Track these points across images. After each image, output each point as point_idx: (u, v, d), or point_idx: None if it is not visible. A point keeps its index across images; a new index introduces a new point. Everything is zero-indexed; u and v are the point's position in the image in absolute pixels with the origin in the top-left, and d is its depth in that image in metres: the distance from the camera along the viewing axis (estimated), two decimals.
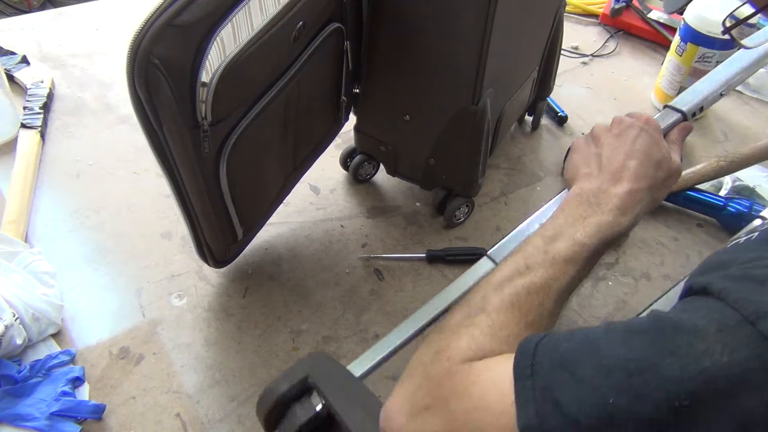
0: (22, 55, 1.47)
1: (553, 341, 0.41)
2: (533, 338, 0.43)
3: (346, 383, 0.60)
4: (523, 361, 0.41)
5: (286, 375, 0.58)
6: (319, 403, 0.56)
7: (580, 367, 0.38)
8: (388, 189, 1.30)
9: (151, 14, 0.67)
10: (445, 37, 0.98)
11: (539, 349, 0.41)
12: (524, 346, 0.42)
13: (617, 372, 0.36)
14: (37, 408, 0.86)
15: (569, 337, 0.41)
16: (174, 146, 0.77)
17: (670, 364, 0.34)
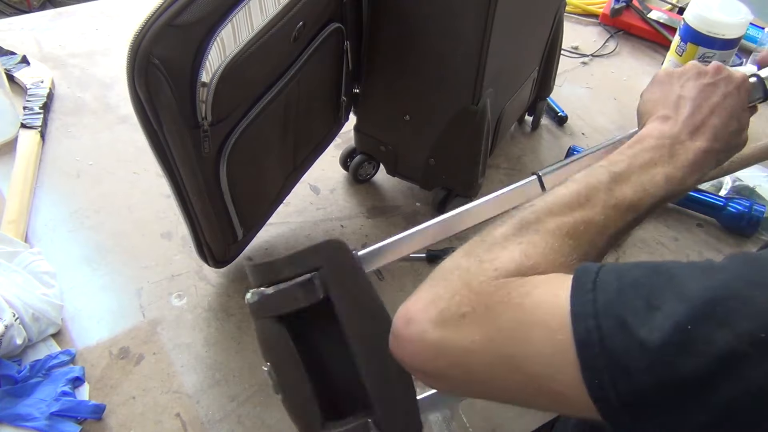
0: (22, 55, 1.47)
1: (618, 267, 0.40)
2: (592, 264, 0.41)
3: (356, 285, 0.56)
4: (586, 277, 0.39)
5: (296, 260, 0.54)
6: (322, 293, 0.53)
7: (654, 293, 0.36)
8: (388, 189, 1.30)
9: (151, 14, 0.67)
10: (445, 37, 0.98)
11: (602, 271, 0.40)
12: (585, 267, 0.41)
13: (698, 300, 0.34)
14: (37, 408, 0.86)
15: (635, 266, 0.40)
16: (174, 146, 0.77)
17: (758, 296, 0.33)
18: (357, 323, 0.56)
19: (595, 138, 1.47)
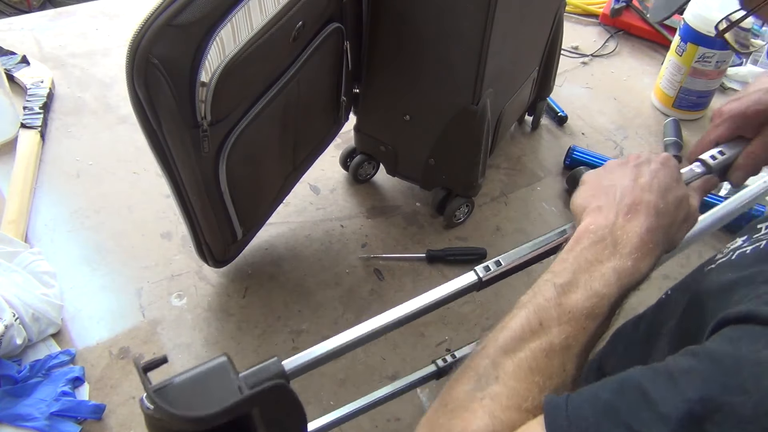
0: (22, 55, 1.47)
1: (585, 394, 0.38)
2: (556, 398, 0.39)
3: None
4: (556, 413, 0.37)
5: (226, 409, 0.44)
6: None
7: (632, 418, 0.34)
8: (388, 189, 1.30)
9: (150, 14, 0.67)
10: (446, 37, 0.98)
11: (570, 403, 0.37)
12: (551, 402, 0.38)
13: (679, 420, 0.32)
14: (37, 408, 0.86)
15: (601, 386, 0.37)
16: (174, 146, 0.77)
17: (743, 403, 0.31)
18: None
19: (595, 138, 1.47)
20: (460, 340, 1.03)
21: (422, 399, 0.95)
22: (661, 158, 0.55)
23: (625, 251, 0.48)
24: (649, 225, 0.49)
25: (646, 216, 0.50)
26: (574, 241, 0.50)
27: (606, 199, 0.52)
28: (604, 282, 0.46)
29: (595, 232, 0.49)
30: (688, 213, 0.53)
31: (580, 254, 0.48)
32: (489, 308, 1.09)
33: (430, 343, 1.03)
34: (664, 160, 0.55)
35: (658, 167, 0.54)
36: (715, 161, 0.59)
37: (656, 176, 0.53)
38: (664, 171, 0.53)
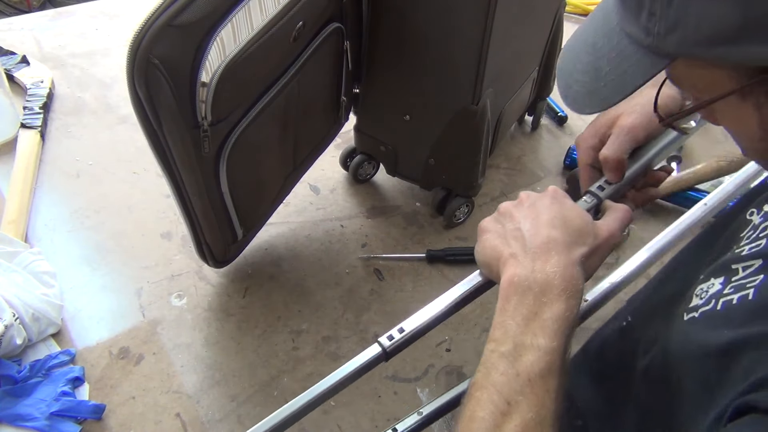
0: (22, 55, 1.47)
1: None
2: None
3: None
4: None
5: None
6: None
7: None
8: (388, 189, 1.30)
9: (150, 14, 0.67)
10: (446, 37, 0.98)
11: None
12: None
13: None
14: (37, 408, 0.86)
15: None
16: (174, 146, 0.77)
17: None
18: None
19: None
20: (459, 340, 1.03)
21: (422, 399, 0.95)
22: (551, 192, 0.54)
23: (554, 295, 0.47)
24: (565, 261, 0.49)
25: (559, 253, 0.49)
26: (504, 300, 0.49)
27: (516, 245, 0.51)
28: (548, 335, 0.45)
29: (519, 284, 0.48)
30: (596, 236, 0.52)
31: (515, 313, 0.47)
32: (489, 308, 1.09)
33: (430, 343, 1.03)
34: (553, 194, 0.54)
35: (551, 201, 0.53)
36: (604, 191, 0.59)
37: (554, 211, 0.52)
38: (557, 204, 0.53)
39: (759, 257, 0.41)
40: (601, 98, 0.42)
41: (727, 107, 0.37)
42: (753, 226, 0.47)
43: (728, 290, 0.42)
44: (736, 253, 0.44)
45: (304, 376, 0.96)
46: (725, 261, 0.45)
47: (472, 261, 0.57)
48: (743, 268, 0.42)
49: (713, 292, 0.43)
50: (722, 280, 0.44)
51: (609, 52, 0.40)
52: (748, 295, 0.39)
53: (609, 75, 0.41)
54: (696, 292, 0.45)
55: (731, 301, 0.40)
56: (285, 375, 0.96)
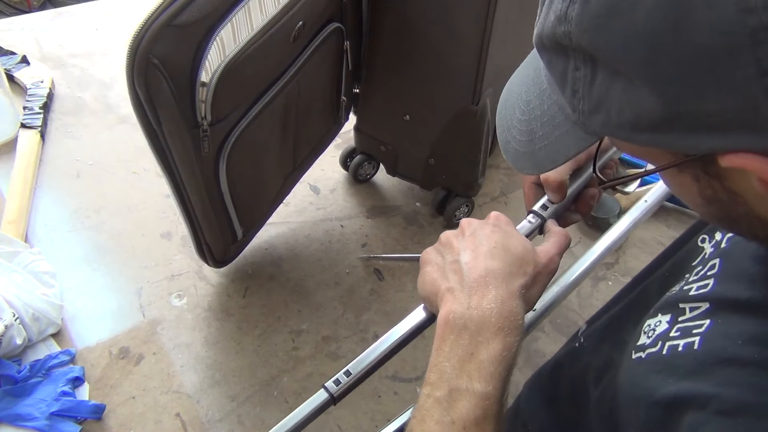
0: (22, 55, 1.47)
1: None
2: None
3: None
4: None
5: None
6: None
7: None
8: (388, 189, 1.30)
9: (150, 14, 0.67)
10: (445, 37, 0.98)
11: None
12: None
13: None
14: (37, 408, 0.86)
15: None
16: (174, 146, 0.77)
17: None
18: None
19: None
20: None
21: None
22: (492, 220, 0.53)
23: (491, 333, 0.45)
24: (503, 295, 0.47)
25: (497, 287, 0.47)
26: (440, 340, 0.47)
27: (454, 278, 0.49)
28: (485, 377, 0.44)
29: (455, 322, 0.46)
30: (537, 265, 0.51)
31: (451, 354, 0.45)
32: None
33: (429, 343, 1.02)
34: (495, 221, 0.53)
35: (491, 230, 0.51)
36: (547, 210, 0.58)
37: (494, 240, 0.51)
38: (498, 233, 0.51)
39: (706, 300, 0.40)
40: (536, 162, 0.40)
41: (668, 176, 0.36)
42: (703, 257, 0.46)
43: (674, 332, 0.40)
44: (685, 290, 0.42)
45: (304, 376, 0.96)
46: (674, 297, 0.43)
47: None
48: (690, 309, 0.41)
49: (660, 332, 0.42)
50: (669, 318, 0.42)
51: (541, 116, 0.39)
52: (694, 344, 0.38)
53: (542, 140, 0.39)
54: (644, 328, 0.44)
55: (677, 347, 0.39)
56: (285, 375, 0.96)
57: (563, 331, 1.07)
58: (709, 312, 0.39)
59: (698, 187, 0.34)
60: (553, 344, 1.06)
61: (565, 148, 0.37)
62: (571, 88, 0.33)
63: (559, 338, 1.06)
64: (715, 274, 0.41)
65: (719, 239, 0.46)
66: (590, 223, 1.26)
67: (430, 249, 0.54)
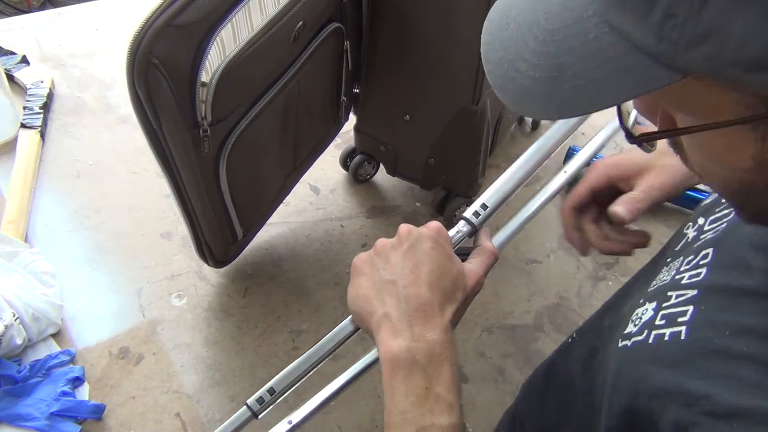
0: (22, 55, 1.47)
1: None
2: None
3: None
4: None
5: None
6: None
7: None
8: (388, 189, 1.30)
9: (150, 14, 0.67)
10: (445, 37, 0.98)
11: None
12: None
13: None
14: (37, 408, 0.86)
15: None
16: (174, 146, 0.77)
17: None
18: None
19: None
20: (459, 340, 1.03)
21: None
22: (433, 233, 0.49)
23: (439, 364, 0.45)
24: (443, 324, 0.46)
25: (435, 316, 0.46)
26: (390, 375, 0.45)
27: (391, 302, 0.47)
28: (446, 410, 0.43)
29: (401, 357, 0.44)
30: (466, 290, 0.49)
31: (408, 392, 0.44)
32: (489, 308, 1.09)
33: None
34: (435, 236, 0.49)
35: (431, 246, 0.48)
36: (479, 218, 0.57)
37: (432, 261, 0.48)
38: (437, 251, 0.48)
39: (695, 288, 0.38)
40: (561, 103, 0.31)
41: (722, 135, 0.30)
42: (686, 242, 0.45)
43: (660, 320, 0.39)
44: (677, 279, 0.41)
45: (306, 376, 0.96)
46: (664, 286, 0.42)
47: None
48: (676, 296, 0.39)
49: (646, 320, 0.41)
50: (655, 305, 0.41)
51: (579, 47, 0.30)
52: (681, 334, 0.36)
53: (579, 77, 0.30)
54: (632, 317, 0.43)
55: (663, 336, 0.38)
56: None
57: (563, 331, 1.07)
58: (694, 298, 0.38)
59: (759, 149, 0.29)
60: (554, 344, 1.06)
61: (620, 87, 0.29)
62: (664, 11, 0.26)
63: (560, 338, 1.06)
64: (709, 263, 0.39)
65: (701, 223, 0.45)
66: None
67: (364, 256, 0.51)
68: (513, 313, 1.09)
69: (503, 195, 0.59)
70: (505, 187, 0.59)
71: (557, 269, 1.18)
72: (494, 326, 1.07)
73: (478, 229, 0.57)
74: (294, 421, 0.69)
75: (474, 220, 0.57)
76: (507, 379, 1.00)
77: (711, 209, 0.46)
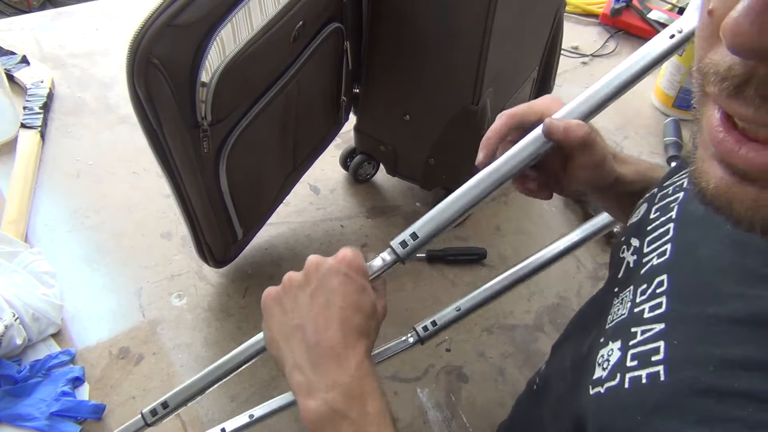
0: (22, 55, 1.47)
1: None
2: None
3: None
4: None
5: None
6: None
7: None
8: (388, 189, 1.30)
9: (150, 14, 0.67)
10: (445, 37, 0.98)
11: None
12: None
13: None
14: (37, 408, 0.86)
15: None
16: (174, 146, 0.77)
17: None
18: None
19: None
20: (459, 340, 1.03)
21: (422, 399, 0.95)
22: (344, 266, 0.46)
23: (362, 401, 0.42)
24: (357, 360, 0.43)
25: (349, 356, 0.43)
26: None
27: (300, 351, 0.44)
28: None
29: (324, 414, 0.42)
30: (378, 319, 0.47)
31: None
32: (489, 308, 1.09)
33: (430, 343, 1.02)
34: (347, 269, 0.45)
35: (340, 282, 0.45)
36: (406, 248, 0.49)
37: (342, 298, 0.44)
38: (348, 286, 0.45)
39: (661, 321, 0.35)
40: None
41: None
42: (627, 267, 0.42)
43: (631, 361, 0.36)
44: (636, 313, 0.38)
45: None
46: (624, 322, 0.39)
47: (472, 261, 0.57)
48: (642, 332, 0.36)
49: (614, 362, 0.37)
50: (620, 345, 0.38)
51: None
52: (659, 375, 0.33)
53: None
54: (597, 360, 0.40)
55: (639, 379, 0.34)
56: None
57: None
58: (663, 333, 0.34)
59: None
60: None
61: None
62: None
63: None
64: (667, 292, 0.36)
65: (637, 245, 0.41)
66: None
67: (273, 293, 0.48)
68: (513, 313, 1.09)
69: (439, 225, 0.50)
70: (442, 216, 0.51)
71: (557, 269, 1.18)
72: (494, 326, 1.07)
73: (403, 260, 0.49)
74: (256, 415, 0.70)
75: (400, 250, 0.49)
76: (507, 379, 1.00)
77: (641, 229, 0.42)
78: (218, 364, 0.56)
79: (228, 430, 0.70)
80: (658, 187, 0.45)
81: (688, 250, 0.37)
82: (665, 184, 0.45)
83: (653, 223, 0.42)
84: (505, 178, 0.51)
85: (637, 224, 0.44)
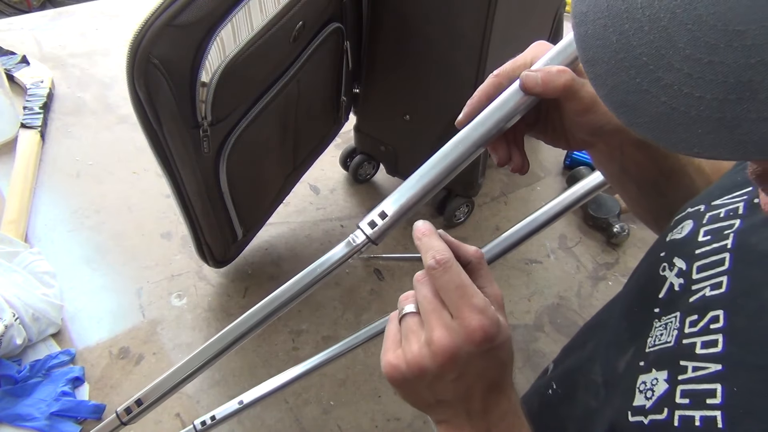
0: (22, 55, 1.47)
1: None
2: None
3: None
4: None
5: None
6: None
7: None
8: (388, 189, 1.30)
9: (150, 14, 0.67)
10: (445, 37, 0.98)
11: None
12: None
13: None
14: (37, 408, 0.86)
15: None
16: (174, 146, 0.77)
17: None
18: None
19: None
20: None
21: None
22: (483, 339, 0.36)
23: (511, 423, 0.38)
24: (507, 404, 0.39)
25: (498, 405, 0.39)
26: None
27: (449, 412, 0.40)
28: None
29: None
30: (511, 353, 0.40)
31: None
32: None
33: None
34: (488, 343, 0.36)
35: (486, 363, 0.38)
36: (375, 228, 0.45)
37: (490, 374, 0.38)
38: (491, 361, 0.38)
39: (717, 362, 0.32)
40: (742, 139, 0.22)
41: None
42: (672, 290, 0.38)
43: (681, 398, 0.33)
44: (685, 345, 0.35)
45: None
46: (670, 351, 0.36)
47: None
48: (693, 369, 0.33)
49: (661, 394, 0.34)
50: (666, 376, 0.35)
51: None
52: (716, 422, 0.30)
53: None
54: (638, 386, 0.36)
55: (692, 420, 0.32)
56: None
57: (563, 331, 1.07)
58: (721, 376, 0.32)
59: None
60: (553, 344, 1.06)
61: None
62: None
63: (560, 338, 1.06)
64: (724, 330, 0.33)
65: (684, 268, 0.38)
66: (590, 223, 1.26)
67: (396, 375, 0.40)
68: (513, 313, 1.09)
69: (411, 200, 0.45)
70: (412, 191, 0.45)
71: (557, 269, 1.18)
72: None
73: (375, 242, 0.44)
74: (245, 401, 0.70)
75: (369, 231, 0.45)
76: None
77: (688, 250, 0.39)
78: (191, 358, 0.55)
79: (218, 417, 0.70)
80: (704, 205, 0.41)
81: (751, 290, 0.34)
82: (714, 203, 0.40)
83: (703, 247, 0.38)
84: (481, 141, 0.45)
85: (681, 243, 0.40)
